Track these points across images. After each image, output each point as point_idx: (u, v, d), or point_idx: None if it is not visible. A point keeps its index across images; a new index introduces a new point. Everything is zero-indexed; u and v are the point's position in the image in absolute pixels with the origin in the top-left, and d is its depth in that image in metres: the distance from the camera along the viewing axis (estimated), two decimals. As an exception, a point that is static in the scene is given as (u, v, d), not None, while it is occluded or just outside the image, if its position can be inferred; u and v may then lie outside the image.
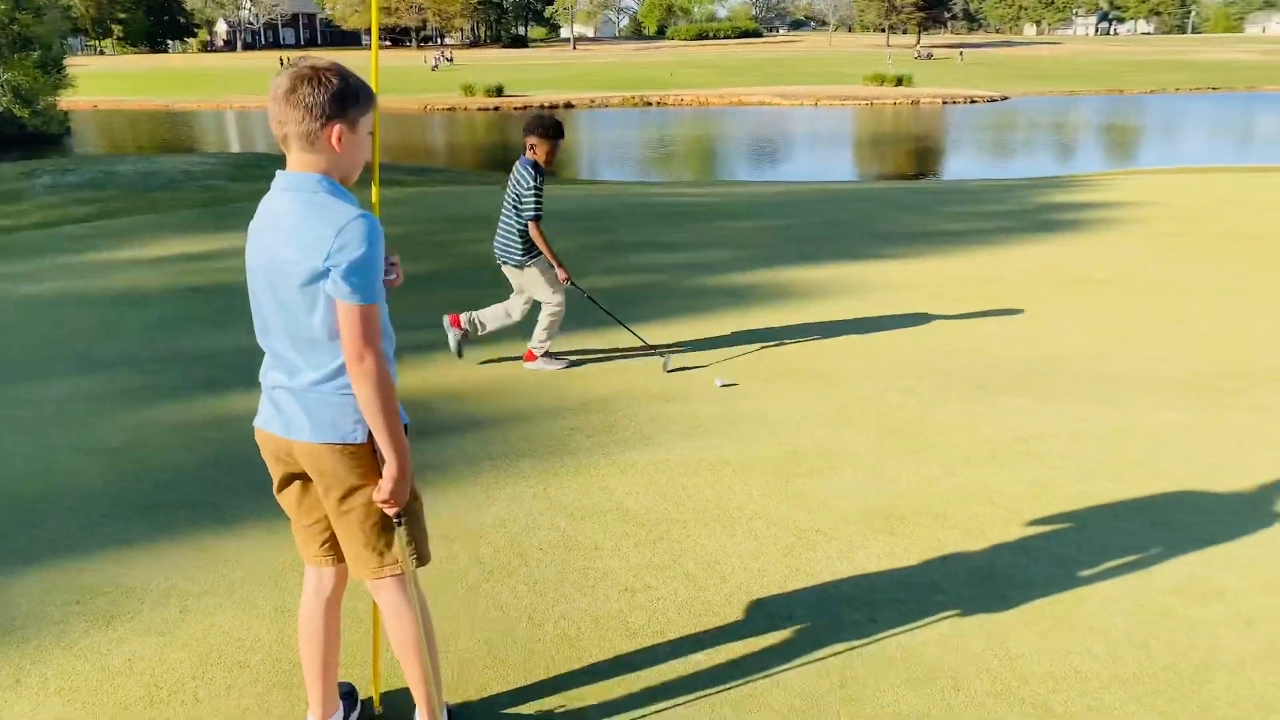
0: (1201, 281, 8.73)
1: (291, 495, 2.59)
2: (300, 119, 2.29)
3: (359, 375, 2.31)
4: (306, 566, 2.72)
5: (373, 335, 2.30)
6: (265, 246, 2.36)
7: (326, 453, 2.41)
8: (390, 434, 2.37)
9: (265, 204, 2.41)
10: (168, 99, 55.19)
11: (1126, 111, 46.91)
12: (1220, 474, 4.62)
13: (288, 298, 2.34)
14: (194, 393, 5.88)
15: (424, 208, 13.37)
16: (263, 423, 2.52)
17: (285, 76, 2.30)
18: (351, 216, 2.28)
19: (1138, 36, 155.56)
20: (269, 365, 2.49)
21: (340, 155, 2.35)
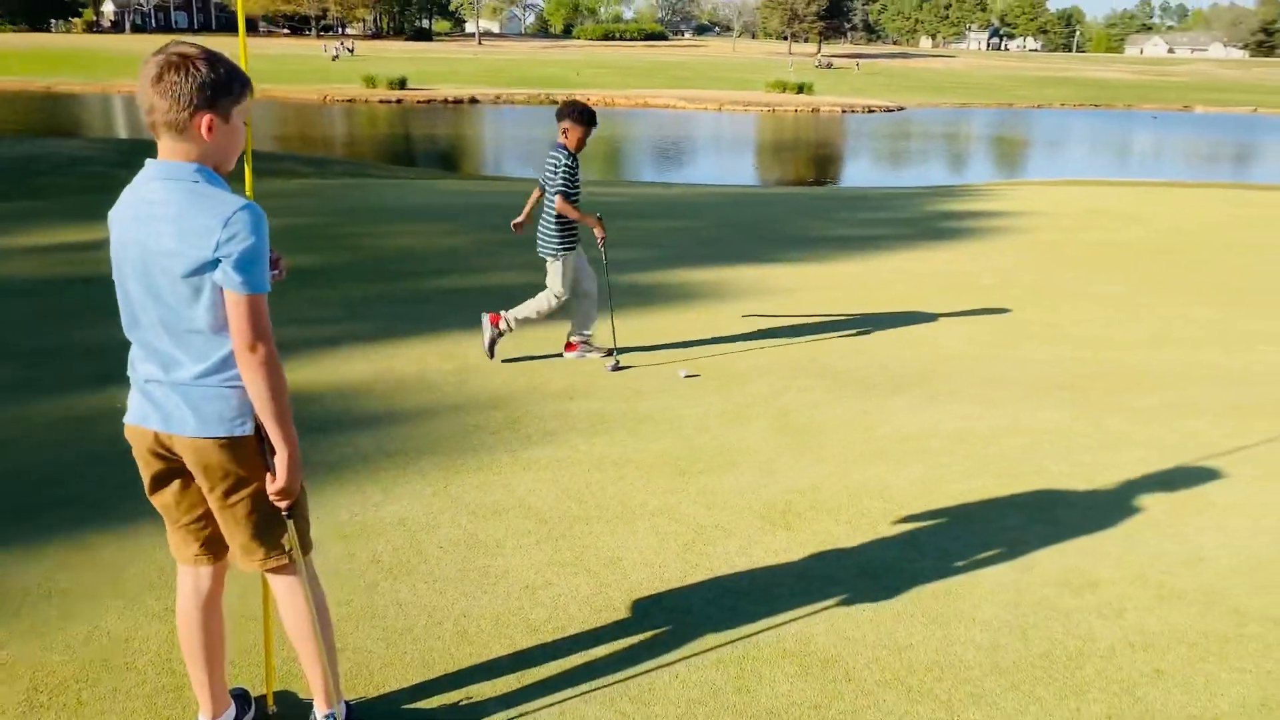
0: (1077, 288, 9.17)
1: (169, 494, 2.52)
2: (168, 108, 2.22)
3: (252, 365, 2.28)
4: (181, 567, 2.65)
5: (265, 325, 2.28)
6: (138, 238, 2.29)
7: (212, 447, 2.37)
8: (283, 425, 2.35)
9: (133, 193, 2.33)
10: (49, 80, 52.63)
11: (1015, 125, 48.79)
12: (1093, 471, 4.88)
13: (166, 289, 2.28)
14: (79, 387, 5.66)
15: (322, 199, 13.08)
16: (136, 419, 2.44)
17: (153, 63, 2.23)
18: (237, 206, 2.25)
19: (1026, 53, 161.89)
20: (140, 358, 2.41)
21: (212, 145, 2.30)
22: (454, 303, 7.83)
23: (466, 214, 12.51)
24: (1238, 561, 4.01)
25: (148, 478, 2.51)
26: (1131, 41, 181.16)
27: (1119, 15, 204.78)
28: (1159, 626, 3.51)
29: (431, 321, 7.25)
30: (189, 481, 2.49)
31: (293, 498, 2.45)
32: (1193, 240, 12.23)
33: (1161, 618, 3.58)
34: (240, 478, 2.41)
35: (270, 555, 2.52)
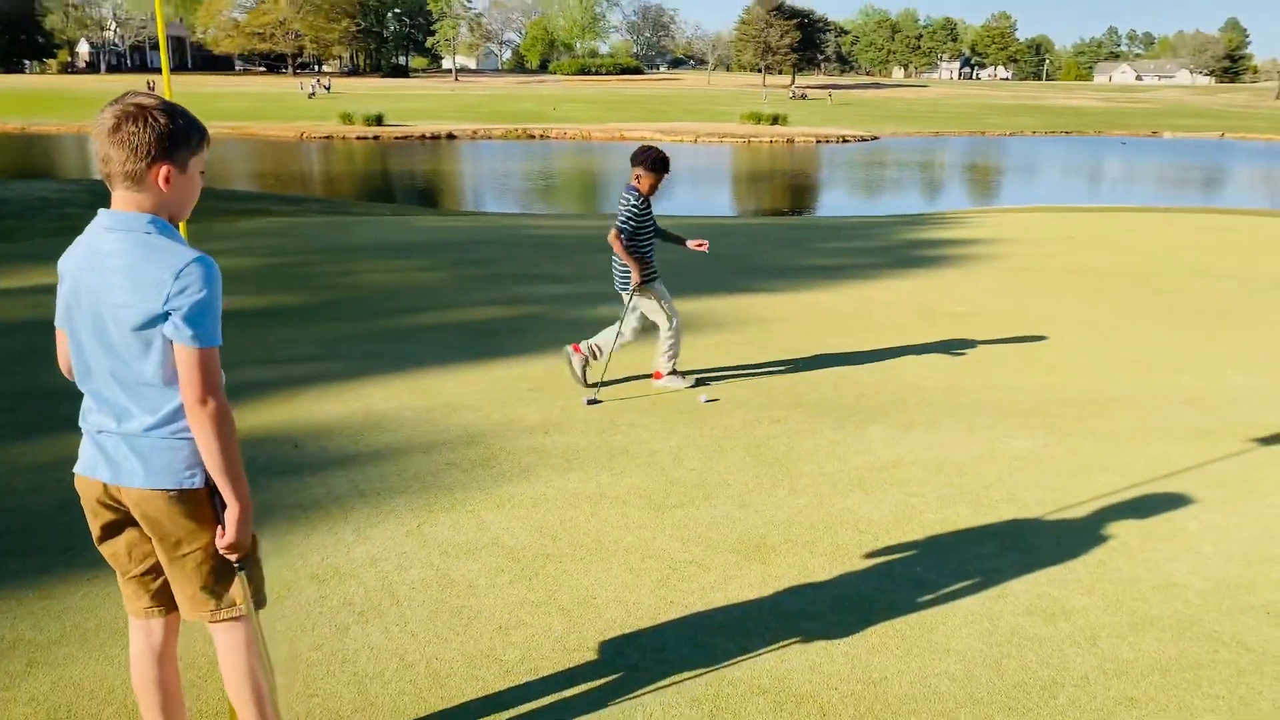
0: (1049, 313, 9.25)
1: (119, 544, 2.49)
2: (125, 158, 2.22)
3: (202, 420, 2.27)
4: (133, 620, 2.61)
5: (215, 379, 2.28)
6: (90, 288, 2.28)
7: (160, 499, 2.35)
8: (234, 479, 2.33)
9: (85, 242, 2.32)
10: (23, 121, 52.52)
11: (987, 152, 49.42)
12: (1066, 497, 4.90)
13: (118, 341, 2.27)
14: (48, 432, 5.60)
15: (299, 238, 13.07)
16: (86, 469, 2.42)
17: (110, 113, 2.23)
18: (189, 259, 2.24)
19: (997, 81, 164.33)
20: (91, 408, 2.40)
21: (169, 196, 2.30)
22: (429, 339, 7.81)
23: (443, 250, 12.53)
24: (1209, 586, 4.04)
25: (96, 528, 2.48)
26: (1100, 69, 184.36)
27: (1087, 44, 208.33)
28: (1132, 654, 3.52)
29: (406, 359, 7.23)
30: (139, 533, 2.46)
31: (244, 551, 2.43)
32: (1162, 265, 12.38)
33: (1134, 645, 3.58)
34: (190, 530, 2.39)
35: (220, 608, 2.49)
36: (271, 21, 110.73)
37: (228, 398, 2.34)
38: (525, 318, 8.72)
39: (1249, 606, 3.87)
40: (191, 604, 2.49)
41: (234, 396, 6.51)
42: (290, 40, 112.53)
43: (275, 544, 4.23)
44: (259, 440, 5.44)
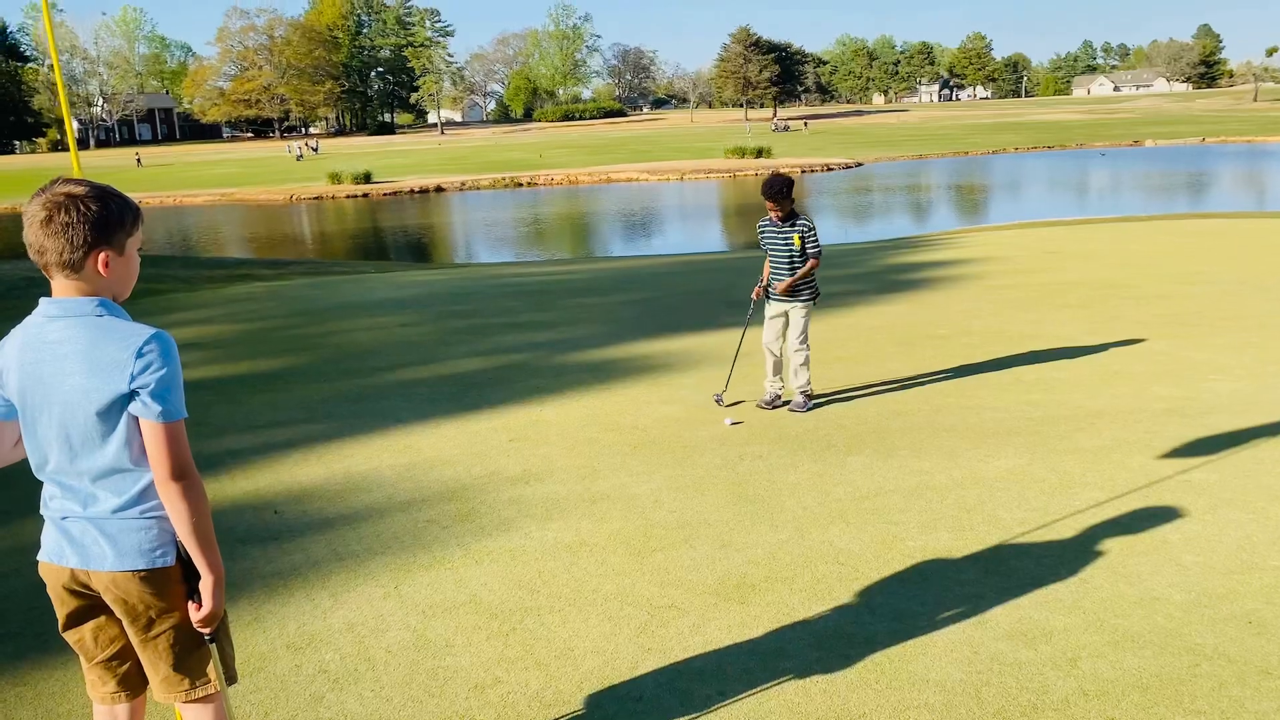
0: (1031, 330, 9.27)
1: (85, 631, 2.47)
2: (61, 249, 2.22)
3: (177, 493, 2.27)
4: (98, 706, 2.58)
5: (186, 452, 2.28)
6: (42, 379, 2.28)
7: (132, 580, 2.34)
8: (208, 551, 2.33)
9: (27, 334, 2.31)
10: (14, 201, 52.88)
11: (971, 172, 49.73)
12: (1046, 517, 4.88)
13: (79, 427, 2.27)
14: (24, 514, 5.57)
15: (282, 301, 13.12)
16: (52, 556, 2.40)
17: (39, 205, 2.23)
18: (147, 335, 2.26)
19: (977, 101, 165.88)
20: (54, 495, 2.38)
21: (109, 280, 2.31)
22: (410, 394, 7.82)
23: (427, 304, 12.57)
24: (1191, 598, 4.00)
25: (63, 615, 2.46)
26: (1078, 83, 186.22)
27: (1063, 59, 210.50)
28: (1113, 673, 3.49)
29: (387, 416, 7.23)
30: (106, 617, 2.45)
31: (216, 623, 2.42)
32: (1142, 274, 12.42)
33: (1115, 663, 3.55)
34: (162, 609, 2.38)
35: (195, 686, 2.47)
36: (256, 88, 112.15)
37: (210, 468, 2.36)
38: (507, 367, 8.73)
39: (1230, 616, 3.84)
40: (165, 684, 2.46)
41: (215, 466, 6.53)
42: (276, 105, 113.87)
43: (253, 613, 4.20)
44: (240, 508, 5.42)
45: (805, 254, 6.84)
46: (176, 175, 57.26)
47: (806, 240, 6.82)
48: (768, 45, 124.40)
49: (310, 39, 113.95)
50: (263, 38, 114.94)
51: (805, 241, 6.82)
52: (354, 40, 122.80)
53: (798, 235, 6.83)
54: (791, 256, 6.88)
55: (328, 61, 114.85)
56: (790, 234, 6.84)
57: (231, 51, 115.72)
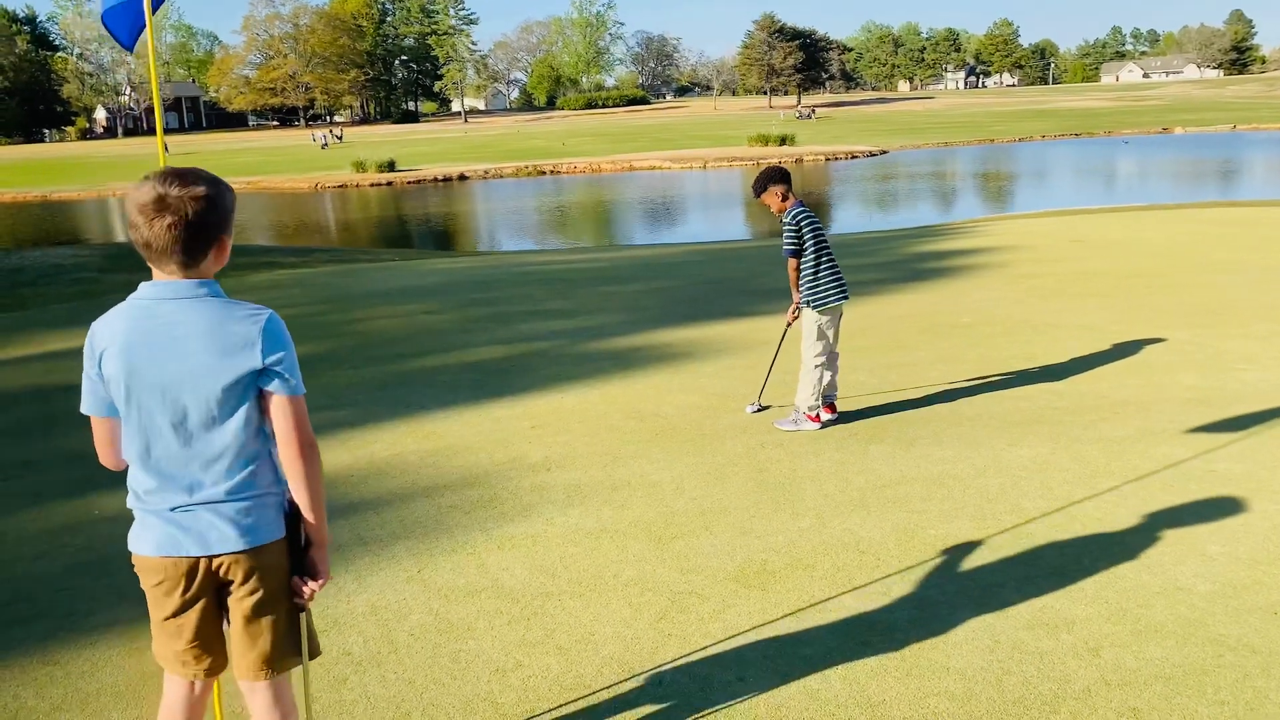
0: (1056, 319, 9.19)
1: (193, 615, 2.43)
2: (184, 239, 2.24)
3: (309, 462, 2.36)
4: (174, 679, 2.57)
5: (309, 425, 2.38)
6: (157, 363, 2.28)
7: (255, 556, 2.38)
8: (323, 518, 2.44)
9: (136, 318, 2.30)
10: (45, 189, 53.48)
11: (997, 160, 49.29)
12: (1070, 506, 4.85)
13: (201, 407, 2.29)
14: (57, 497, 5.67)
15: (308, 289, 13.21)
16: (165, 549, 2.37)
17: (154, 206, 2.22)
18: (267, 314, 2.34)
19: (1004, 88, 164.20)
20: (156, 488, 2.36)
21: (219, 261, 2.36)
22: (433, 382, 7.86)
23: (450, 292, 12.62)
24: (1215, 589, 3.97)
25: (171, 605, 2.42)
26: (1106, 70, 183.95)
27: (1091, 45, 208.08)
28: (1135, 663, 3.47)
29: (410, 403, 7.28)
30: (208, 601, 2.44)
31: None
32: (1169, 263, 12.28)
33: (1138, 653, 3.53)
34: (280, 581, 2.44)
35: (290, 658, 2.51)
36: (281, 76, 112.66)
37: None
38: (530, 355, 8.76)
39: (1255, 607, 3.81)
40: (258, 660, 2.46)
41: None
42: (301, 93, 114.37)
43: (276, 597, 4.25)
44: (263, 493, 5.47)
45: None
46: (203, 163, 57.31)
47: (783, 239, 6.24)
48: (792, 32, 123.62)
49: (335, 27, 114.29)
50: (288, 26, 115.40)
51: (783, 239, 6.26)
52: (378, 28, 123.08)
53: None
54: None
55: (352, 50, 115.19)
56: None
57: (257, 40, 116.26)
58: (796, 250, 6.15)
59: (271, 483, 2.43)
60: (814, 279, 6.19)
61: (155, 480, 2.36)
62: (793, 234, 6.15)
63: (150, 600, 2.45)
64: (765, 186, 6.22)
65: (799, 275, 6.19)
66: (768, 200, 6.25)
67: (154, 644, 2.51)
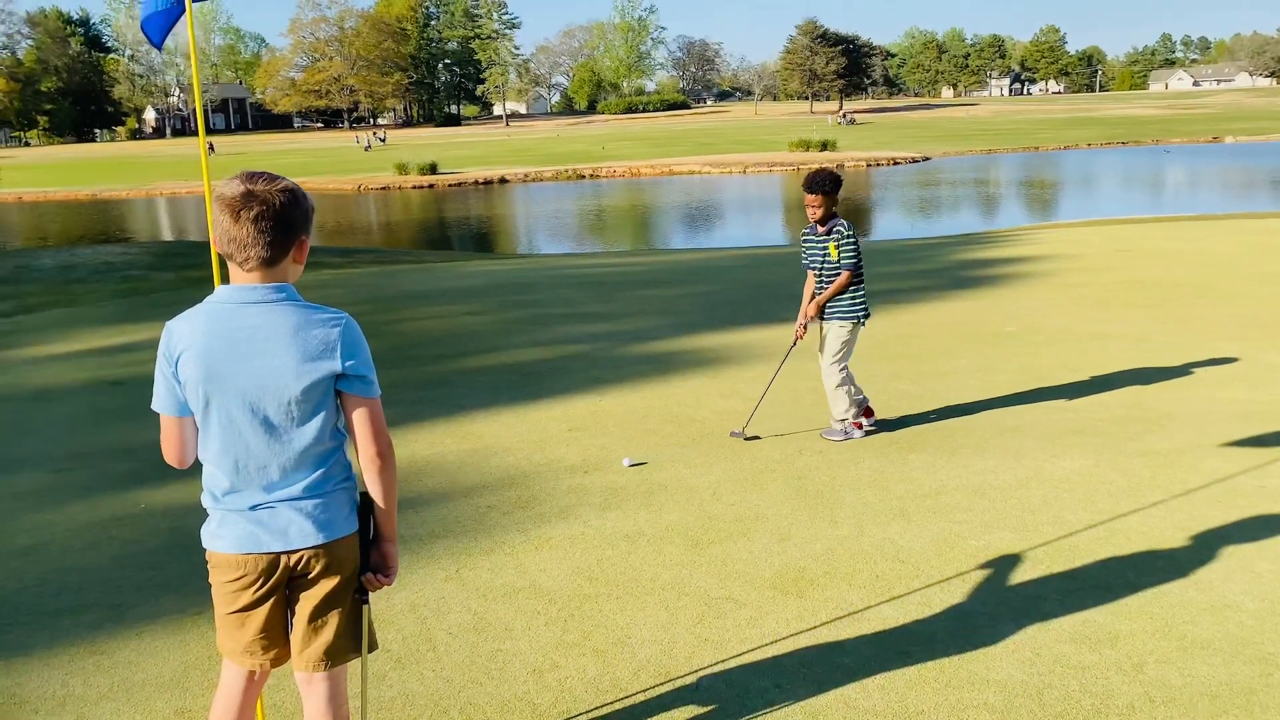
0: (1101, 329, 9.06)
1: (265, 610, 2.47)
2: (269, 241, 2.29)
3: (386, 463, 2.43)
4: (233, 667, 2.59)
5: (385, 426, 2.44)
6: (240, 365, 2.32)
7: (332, 550, 2.44)
8: (395, 511, 2.52)
9: (218, 321, 2.34)
10: (95, 188, 54.56)
11: (1041, 167, 48.71)
12: (1114, 520, 4.78)
13: (282, 409, 2.34)
14: (106, 489, 5.78)
15: (350, 289, 13.37)
16: (245, 546, 2.41)
17: (242, 200, 2.27)
18: (344, 317, 2.38)
19: (1049, 96, 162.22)
20: (235, 488, 2.41)
21: (298, 264, 2.42)
22: (472, 383, 7.92)
23: (490, 293, 12.71)
24: (1264, 606, 3.90)
25: (244, 600, 2.45)
26: (1155, 78, 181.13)
27: (1140, 52, 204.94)
28: (1181, 680, 3.41)
29: (450, 403, 7.33)
30: (280, 596, 2.49)
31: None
32: (1218, 274, 12.06)
33: (1184, 670, 3.47)
34: (349, 574, 2.49)
35: (350, 651, 2.54)
36: (327, 79, 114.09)
37: None
38: (568, 358, 8.79)
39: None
40: (320, 652, 2.49)
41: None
42: (345, 96, 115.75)
43: (317, 593, 4.30)
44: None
45: (839, 266, 6.03)
46: (249, 164, 58.40)
47: (842, 250, 5.99)
48: (835, 37, 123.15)
49: (380, 31, 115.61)
50: (334, 29, 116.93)
51: (841, 251, 5.99)
52: (422, 32, 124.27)
53: (834, 243, 6.00)
54: (826, 268, 6.12)
55: (396, 53, 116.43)
56: (827, 242, 6.05)
57: (303, 43, 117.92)
58: (858, 264, 6.05)
59: (344, 478, 2.49)
60: (856, 292, 6.11)
61: (235, 480, 2.40)
62: (855, 246, 6.03)
63: (218, 594, 2.49)
64: (833, 188, 5.98)
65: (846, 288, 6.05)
66: (817, 203, 5.98)
67: (219, 636, 2.55)
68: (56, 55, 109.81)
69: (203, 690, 3.57)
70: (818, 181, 5.95)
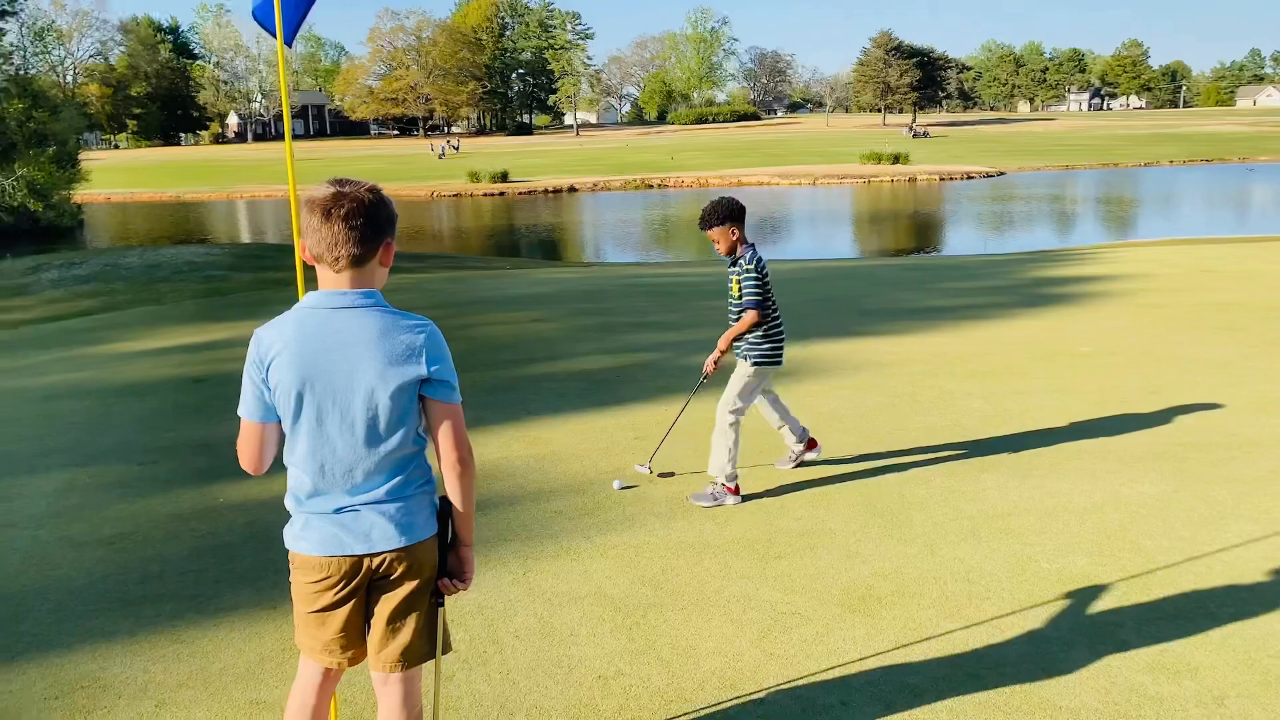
0: (1182, 352, 8.81)
1: (345, 610, 2.52)
2: (358, 241, 2.36)
3: (466, 469, 2.48)
4: (311, 664, 2.64)
5: (465, 430, 2.50)
6: (331, 369, 2.38)
7: (413, 553, 2.49)
8: (473, 516, 2.57)
9: (309, 326, 2.39)
10: (179, 190, 56.30)
11: (1121, 184, 47.56)
12: (1195, 548, 4.64)
13: (370, 415, 2.39)
14: (186, 483, 5.96)
15: (422, 294, 13.59)
16: (330, 549, 2.46)
17: (333, 199, 2.35)
18: (428, 324, 2.45)
19: (1130, 111, 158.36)
20: (320, 491, 2.46)
21: (384, 269, 2.48)
22: (540, 388, 7.99)
23: (559, 301, 12.82)
24: (1355, 644, 3.75)
25: (325, 601, 2.51)
26: (1242, 94, 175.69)
27: (1227, 68, 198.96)
28: (1264, 715, 3.30)
29: (518, 408, 7.41)
30: (361, 598, 2.54)
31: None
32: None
33: (1267, 706, 3.36)
34: (428, 577, 2.54)
35: (425, 653, 2.59)
36: (404, 87, 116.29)
37: None
38: (635, 366, 8.82)
39: (1400, 667, 3.58)
40: (397, 653, 2.53)
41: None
42: (421, 104, 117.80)
43: (388, 591, 4.37)
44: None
45: (741, 305, 5.33)
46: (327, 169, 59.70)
47: (745, 286, 5.30)
48: (909, 50, 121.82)
49: (456, 40, 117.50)
50: (411, 39, 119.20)
51: (743, 287, 5.31)
52: (497, 42, 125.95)
53: (736, 279, 5.35)
54: (732, 305, 5.46)
55: (471, 63, 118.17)
56: (731, 276, 5.41)
57: (381, 51, 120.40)
58: (763, 301, 5.30)
59: (425, 482, 2.53)
60: (766, 334, 5.40)
61: (319, 483, 2.45)
62: (757, 281, 5.29)
63: (300, 594, 2.55)
64: (724, 221, 5.29)
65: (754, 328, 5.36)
66: (717, 237, 5.33)
67: (298, 633, 2.61)
68: (146, 62, 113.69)
69: (277, 682, 3.66)
70: (704, 217, 5.34)
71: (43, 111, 38.76)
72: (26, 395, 8.48)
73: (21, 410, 7.93)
